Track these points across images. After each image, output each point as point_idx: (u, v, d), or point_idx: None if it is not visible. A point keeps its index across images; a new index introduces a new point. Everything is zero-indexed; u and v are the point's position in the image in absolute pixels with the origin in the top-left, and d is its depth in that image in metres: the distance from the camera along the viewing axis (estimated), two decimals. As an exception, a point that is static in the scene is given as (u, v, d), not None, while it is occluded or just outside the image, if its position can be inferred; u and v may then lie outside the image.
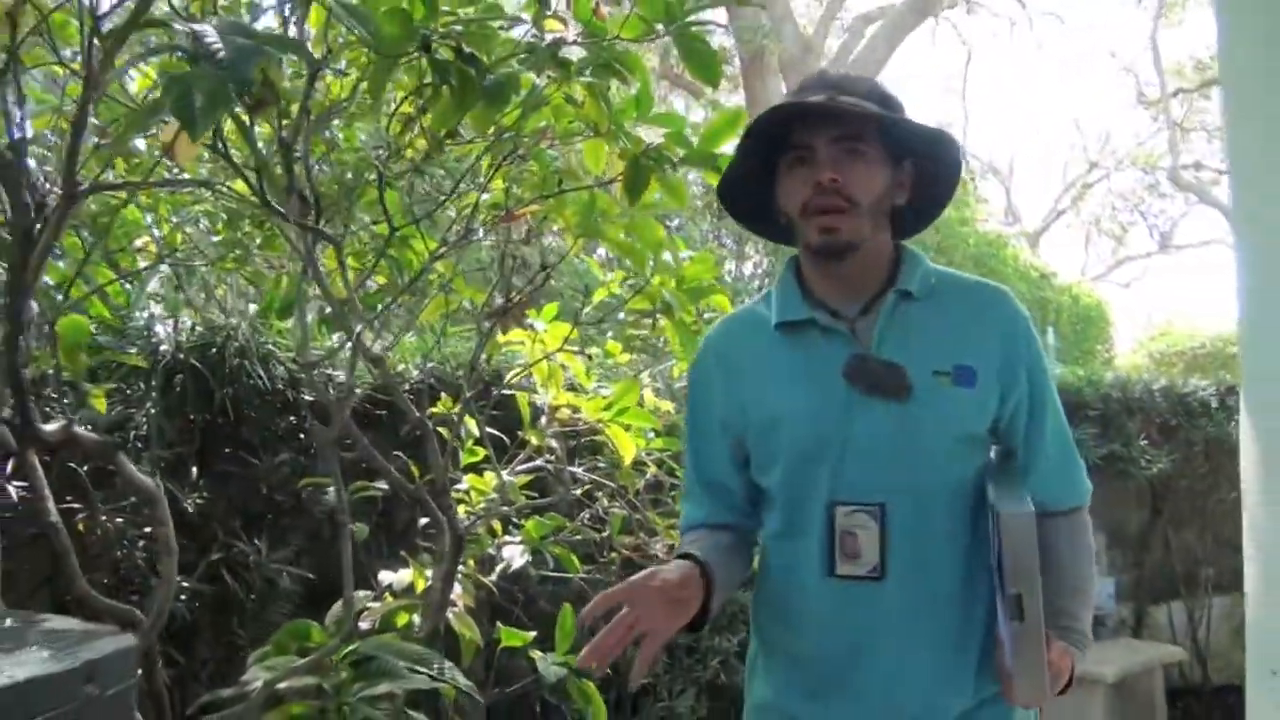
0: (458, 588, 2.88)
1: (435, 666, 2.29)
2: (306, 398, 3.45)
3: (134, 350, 3.15)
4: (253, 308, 4.07)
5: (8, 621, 1.61)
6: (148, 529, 2.91)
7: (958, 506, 1.87)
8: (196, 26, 1.35)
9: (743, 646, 4.78)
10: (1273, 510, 2.20)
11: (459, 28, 2.02)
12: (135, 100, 2.22)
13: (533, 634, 2.95)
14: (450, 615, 2.77)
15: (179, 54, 1.43)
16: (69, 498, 2.76)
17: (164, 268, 3.36)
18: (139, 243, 3.14)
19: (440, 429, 3.03)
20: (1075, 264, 21.77)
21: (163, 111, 1.43)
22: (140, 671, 2.17)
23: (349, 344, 2.57)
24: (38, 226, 1.81)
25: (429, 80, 2.06)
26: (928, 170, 1.96)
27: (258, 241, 3.24)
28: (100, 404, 2.53)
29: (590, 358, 3.29)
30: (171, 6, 1.68)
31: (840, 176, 1.82)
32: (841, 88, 1.87)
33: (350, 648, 2.30)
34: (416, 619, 2.78)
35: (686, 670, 4.74)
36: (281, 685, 2.15)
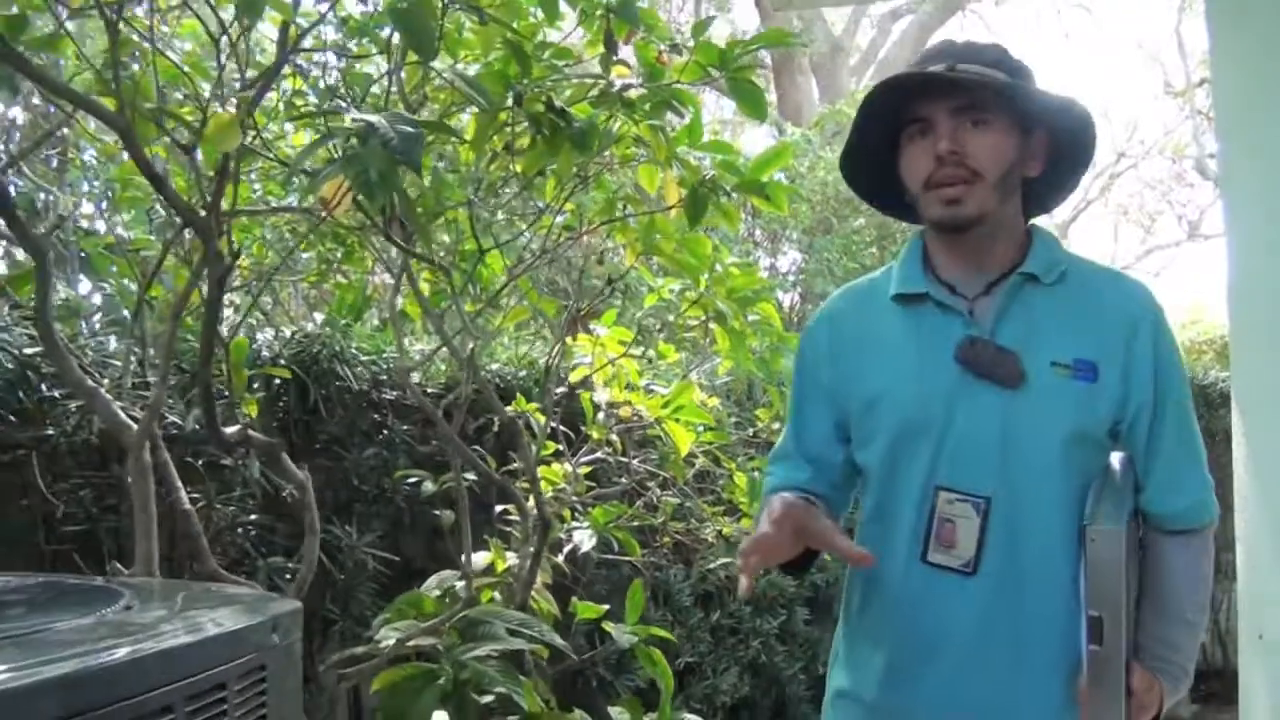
0: (535, 567, 3.21)
1: (536, 629, 2.62)
2: (388, 397, 3.79)
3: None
4: (318, 316, 4.43)
5: (195, 588, 1.95)
6: (254, 516, 3.26)
7: (1064, 512, 1.78)
8: (369, 116, 1.69)
9: (782, 629, 5.12)
10: (1257, 488, 2.42)
11: (547, 82, 2.34)
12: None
13: (605, 607, 3.27)
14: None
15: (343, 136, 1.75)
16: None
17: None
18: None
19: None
20: (1105, 253, 21.80)
21: (327, 177, 1.76)
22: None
23: (433, 350, 2.91)
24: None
25: (520, 128, 2.38)
26: (1063, 141, 1.87)
27: (339, 255, 3.60)
28: (253, 409, 2.87)
29: (650, 360, 3.61)
30: (339, 96, 2.03)
31: (961, 148, 1.76)
32: (964, 57, 1.80)
33: (460, 614, 2.64)
34: (497, 595, 3.11)
35: (730, 650, 5.03)
36: (410, 643, 2.50)
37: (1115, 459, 1.84)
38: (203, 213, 2.05)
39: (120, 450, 2.74)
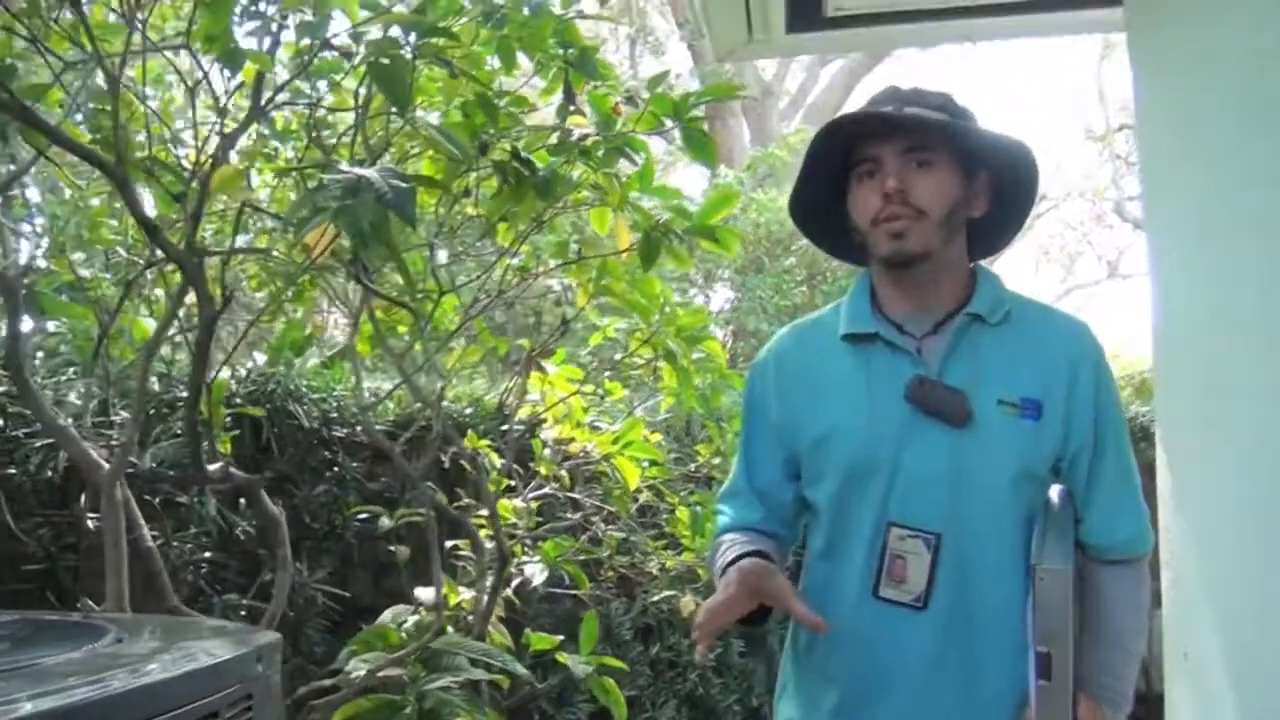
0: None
1: (499, 660, 2.70)
2: (338, 434, 3.85)
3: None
4: (257, 355, 4.48)
5: (176, 622, 2.00)
6: (208, 554, 3.29)
7: (1011, 548, 1.82)
8: (361, 170, 1.78)
9: (718, 661, 5.21)
10: (1181, 517, 2.52)
11: (511, 132, 2.43)
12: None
13: (559, 638, 3.34)
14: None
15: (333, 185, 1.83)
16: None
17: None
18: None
19: (463, 462, 3.46)
20: (1027, 291, 22.25)
21: (315, 225, 1.83)
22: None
23: (393, 388, 2.98)
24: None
25: (485, 174, 2.47)
26: (1006, 182, 1.92)
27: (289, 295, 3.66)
28: (226, 446, 2.92)
29: (601, 397, 3.70)
30: (323, 148, 2.12)
31: (907, 186, 1.80)
32: (911, 100, 1.85)
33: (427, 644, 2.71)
34: (450, 629, 3.17)
35: (669, 683, 5.11)
36: (380, 674, 2.56)
37: (1055, 493, 1.89)
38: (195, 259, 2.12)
39: (81, 489, 2.78)
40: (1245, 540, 2.28)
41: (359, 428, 3.92)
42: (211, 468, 2.45)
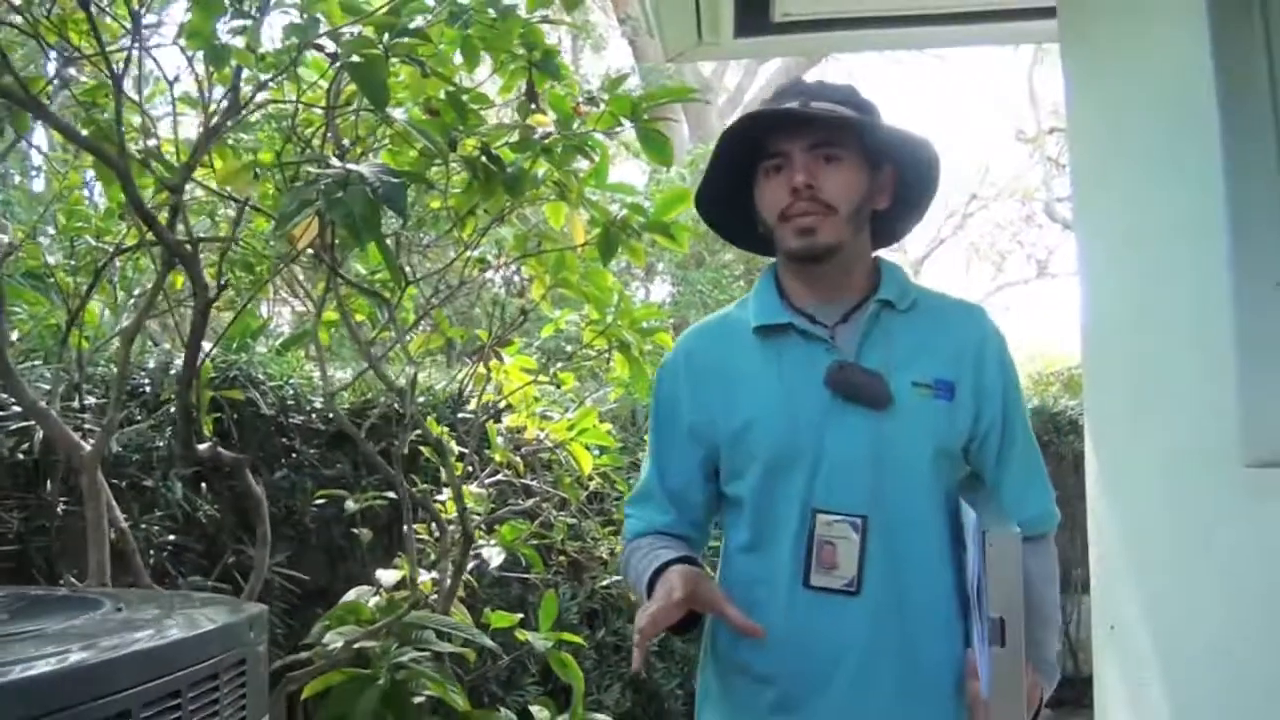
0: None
1: (468, 634, 2.81)
2: (295, 421, 3.93)
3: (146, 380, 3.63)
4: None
5: (167, 594, 2.10)
6: (171, 537, 3.37)
7: (937, 527, 1.84)
8: (352, 166, 1.89)
9: (661, 646, 5.35)
10: (1107, 501, 2.66)
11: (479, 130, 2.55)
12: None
13: (519, 616, 3.46)
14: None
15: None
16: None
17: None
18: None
19: (423, 447, 3.57)
20: (958, 288, 22.62)
21: (304, 214, 1.94)
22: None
23: (358, 375, 3.08)
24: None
25: (453, 169, 2.59)
26: (908, 175, 1.95)
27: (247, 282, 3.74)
28: (208, 426, 2.99)
29: (557, 385, 3.82)
30: (304, 143, 2.22)
31: (815, 181, 1.81)
32: (817, 95, 1.87)
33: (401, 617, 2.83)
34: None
35: (614, 667, 5.24)
36: (355, 645, 2.66)
37: (973, 476, 1.94)
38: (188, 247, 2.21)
39: (53, 471, 2.85)
40: (1168, 523, 2.44)
41: (314, 415, 4.00)
42: (201, 448, 2.55)
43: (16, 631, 1.65)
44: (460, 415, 4.19)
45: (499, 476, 3.92)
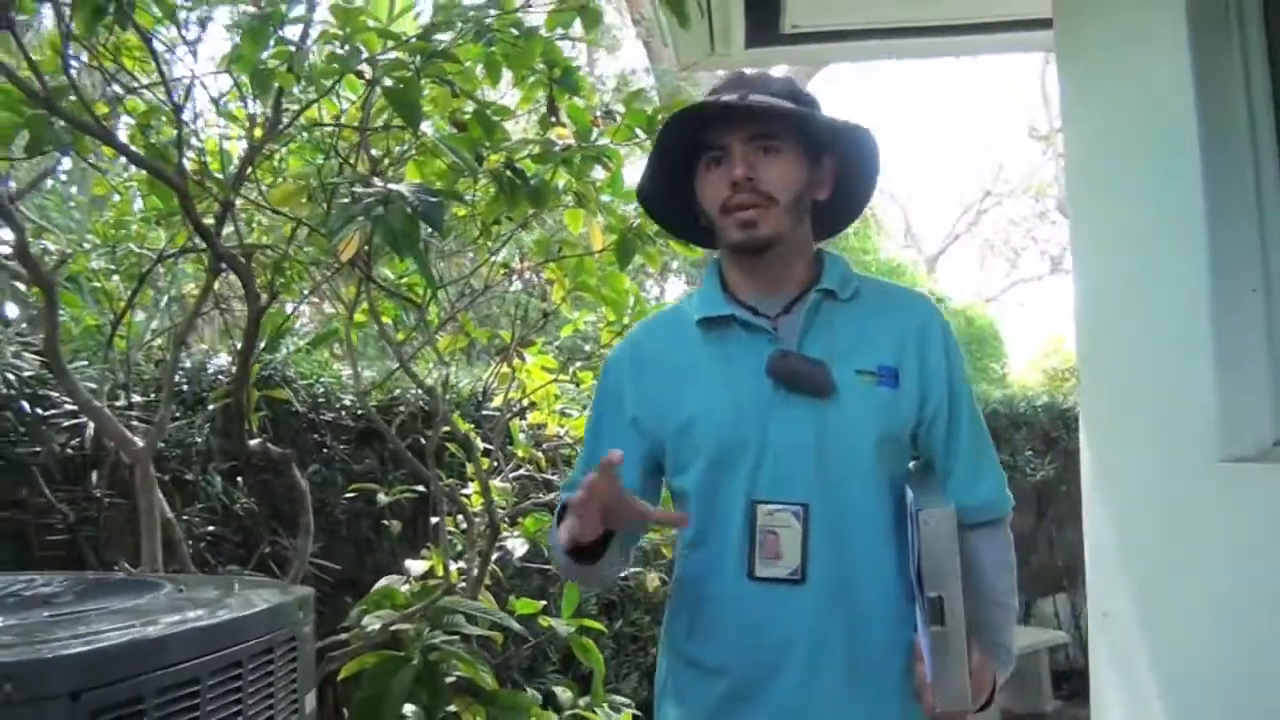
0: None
1: (497, 617, 2.99)
2: (325, 418, 4.11)
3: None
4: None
5: (220, 578, 2.27)
6: (210, 528, 3.55)
7: (882, 514, 1.85)
8: (393, 186, 2.06)
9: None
10: (1100, 490, 2.74)
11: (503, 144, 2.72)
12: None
13: (543, 603, 3.63)
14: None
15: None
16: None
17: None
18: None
19: (448, 444, 3.75)
20: (972, 285, 22.73)
21: (350, 230, 2.11)
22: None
23: (390, 373, 3.25)
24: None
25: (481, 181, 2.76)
26: (850, 167, 1.96)
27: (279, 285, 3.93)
28: (254, 422, 3.17)
29: (577, 384, 3.99)
30: (345, 160, 2.40)
31: (755, 174, 1.82)
32: (755, 86, 1.86)
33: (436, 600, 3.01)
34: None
35: (631, 656, 5.40)
36: (392, 628, 2.84)
37: (920, 461, 1.97)
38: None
39: (101, 465, 3.03)
40: (1151, 514, 2.57)
41: (343, 412, 4.18)
42: (252, 444, 2.74)
43: (90, 608, 1.82)
44: (482, 412, 4.35)
45: (521, 471, 4.08)
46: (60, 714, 1.39)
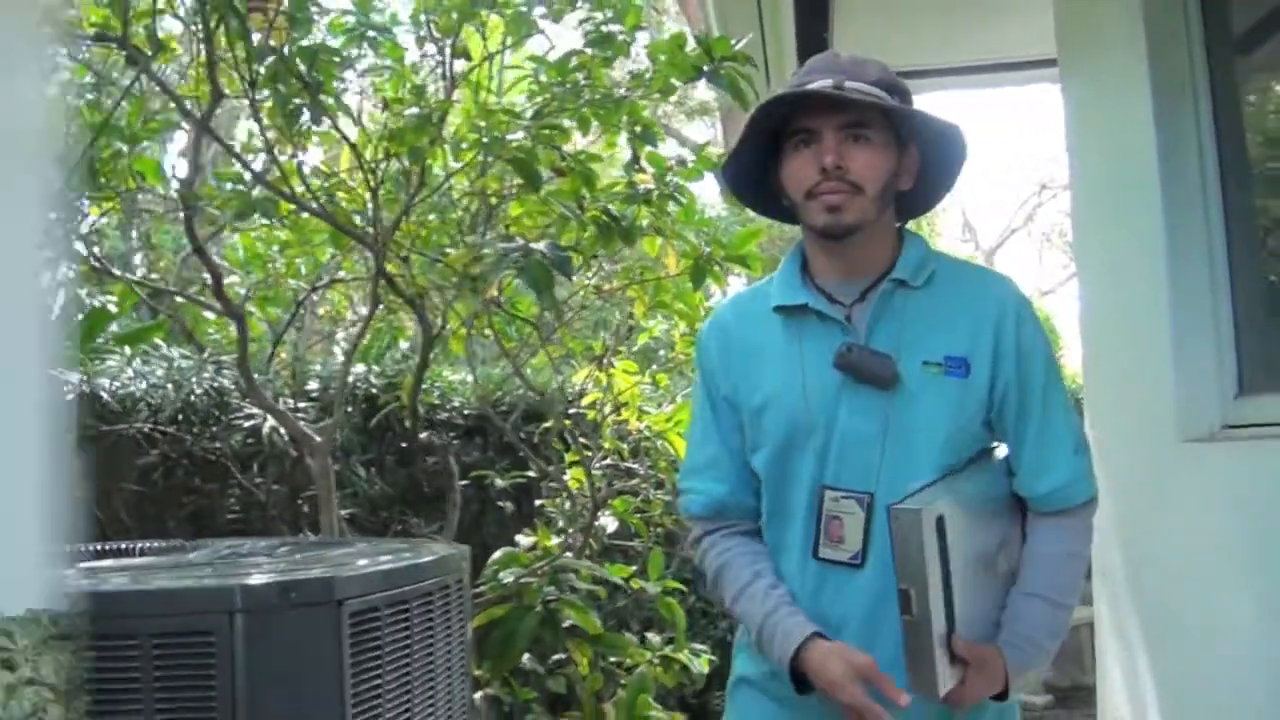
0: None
1: (602, 574, 3.69)
2: (440, 417, 4.81)
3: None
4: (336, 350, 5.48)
5: (393, 540, 2.93)
6: (354, 509, 4.25)
7: None
8: (534, 245, 2.74)
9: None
10: (1100, 474, 3.21)
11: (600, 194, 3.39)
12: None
13: (634, 568, 4.29)
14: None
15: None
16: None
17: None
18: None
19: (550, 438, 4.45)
20: (1030, 279, 22.95)
21: (499, 276, 2.80)
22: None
23: (506, 378, 3.92)
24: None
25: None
26: (934, 156, 1.95)
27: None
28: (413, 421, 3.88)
29: (655, 385, 4.64)
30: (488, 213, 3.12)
31: (845, 162, 1.80)
32: (850, 73, 1.84)
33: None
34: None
35: (703, 629, 5.96)
36: (522, 580, 3.54)
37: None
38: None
39: (273, 459, 3.73)
40: (1142, 482, 2.97)
41: (453, 411, 4.88)
42: (421, 436, 3.45)
43: (310, 555, 2.50)
44: (573, 410, 5.02)
45: (607, 461, 4.73)
46: (330, 615, 2.06)
